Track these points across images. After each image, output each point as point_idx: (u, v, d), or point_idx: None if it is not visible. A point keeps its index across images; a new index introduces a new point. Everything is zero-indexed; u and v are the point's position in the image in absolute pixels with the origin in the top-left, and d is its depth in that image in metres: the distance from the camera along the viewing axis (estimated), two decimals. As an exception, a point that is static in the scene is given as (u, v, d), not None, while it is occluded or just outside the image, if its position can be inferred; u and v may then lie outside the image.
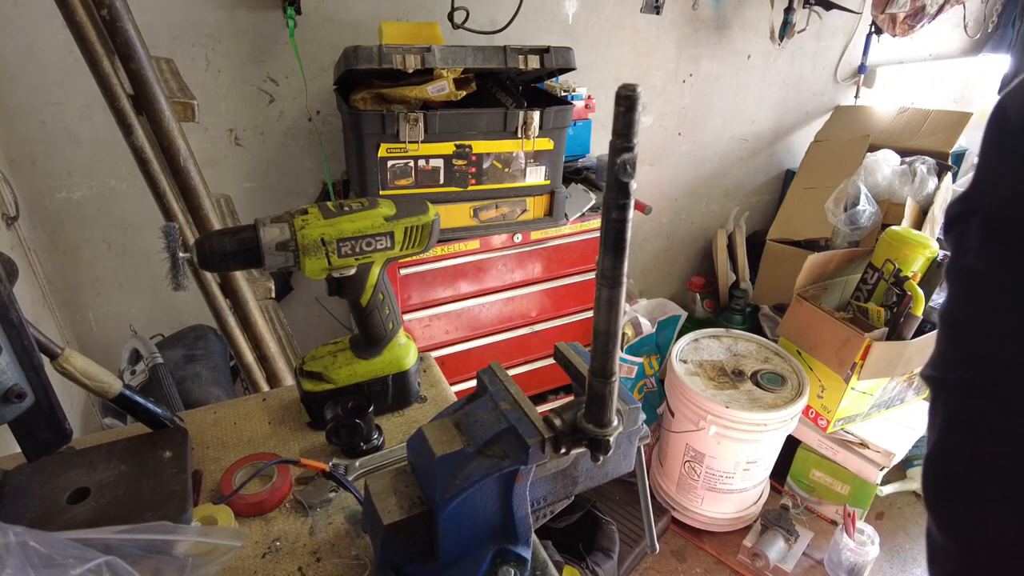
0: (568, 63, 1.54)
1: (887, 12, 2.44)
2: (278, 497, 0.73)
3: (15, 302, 0.57)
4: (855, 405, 1.98)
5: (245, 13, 1.59)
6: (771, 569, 1.97)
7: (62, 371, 0.68)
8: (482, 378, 0.60)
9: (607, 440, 0.52)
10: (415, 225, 0.78)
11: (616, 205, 0.43)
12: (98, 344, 1.77)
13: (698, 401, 1.85)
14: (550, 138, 1.60)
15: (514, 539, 0.59)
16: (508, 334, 1.88)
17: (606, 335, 0.47)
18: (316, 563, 0.67)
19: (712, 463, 1.94)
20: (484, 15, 1.87)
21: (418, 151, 1.51)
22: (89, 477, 0.69)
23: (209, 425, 0.85)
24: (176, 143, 1.09)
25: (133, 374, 1.38)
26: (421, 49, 1.40)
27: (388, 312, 0.83)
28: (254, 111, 1.71)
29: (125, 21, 0.99)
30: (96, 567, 0.45)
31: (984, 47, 3.17)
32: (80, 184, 1.60)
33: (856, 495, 2.07)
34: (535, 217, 1.72)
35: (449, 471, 0.54)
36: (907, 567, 2.06)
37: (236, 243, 0.70)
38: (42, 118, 1.49)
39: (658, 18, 2.19)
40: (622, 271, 0.45)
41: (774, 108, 2.70)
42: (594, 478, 0.64)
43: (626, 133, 0.41)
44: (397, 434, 0.85)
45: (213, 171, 1.69)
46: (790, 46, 2.52)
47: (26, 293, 1.44)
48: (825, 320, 1.93)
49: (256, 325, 1.25)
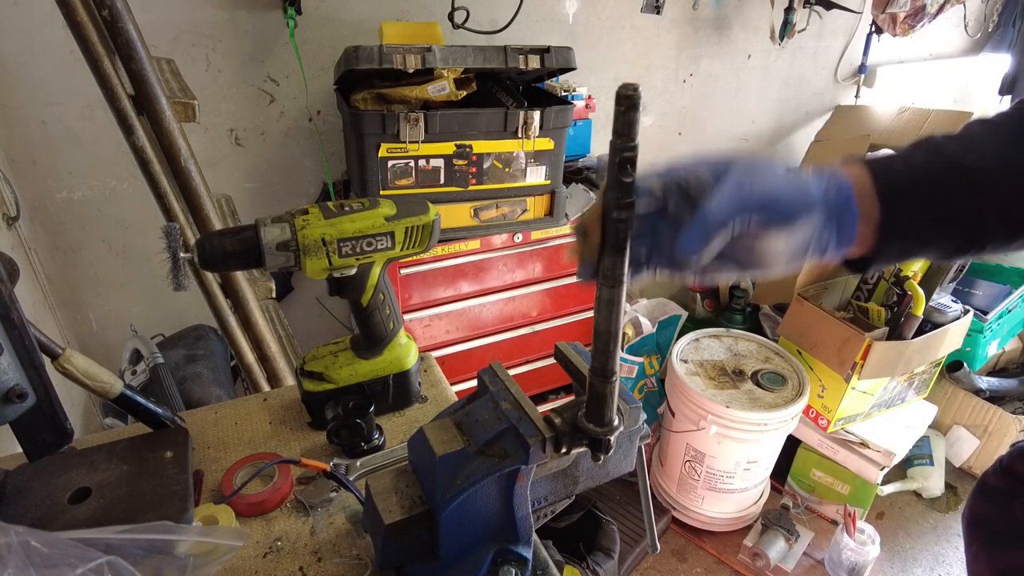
0: (568, 63, 1.54)
1: (887, 12, 2.44)
2: (279, 497, 0.73)
3: (16, 302, 0.57)
4: (855, 405, 1.98)
5: (245, 13, 1.59)
6: (771, 569, 1.97)
7: (63, 371, 0.68)
8: (483, 378, 0.60)
9: (608, 440, 0.52)
10: (416, 225, 0.78)
11: (617, 205, 0.43)
12: (99, 344, 1.77)
13: (698, 401, 1.85)
14: (550, 138, 1.60)
15: (515, 539, 0.59)
16: (509, 334, 1.88)
17: (606, 335, 0.47)
18: (317, 563, 0.67)
19: (712, 463, 1.94)
20: (484, 15, 1.87)
21: (418, 151, 1.51)
22: (90, 477, 0.69)
23: (210, 425, 0.85)
24: (177, 143, 1.09)
25: (134, 374, 1.38)
26: (421, 49, 1.40)
27: (389, 312, 0.83)
28: (254, 111, 1.71)
29: (126, 21, 0.99)
30: (97, 567, 0.45)
31: (984, 47, 3.17)
32: (81, 184, 1.60)
33: (856, 495, 2.07)
34: (536, 217, 1.72)
35: (450, 471, 0.54)
36: (907, 567, 2.06)
37: (237, 243, 0.70)
38: (43, 118, 1.49)
39: (658, 18, 2.19)
40: (622, 271, 0.45)
41: (774, 108, 2.69)
42: (595, 478, 0.64)
43: (627, 132, 0.41)
44: (398, 434, 0.85)
45: (214, 171, 1.69)
46: (790, 46, 2.52)
47: (27, 293, 1.44)
48: (825, 320, 1.93)
49: (257, 325, 1.25)
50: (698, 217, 0.46)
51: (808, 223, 0.49)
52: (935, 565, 2.06)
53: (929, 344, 1.88)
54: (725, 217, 0.46)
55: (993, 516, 0.80)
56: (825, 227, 0.50)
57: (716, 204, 0.46)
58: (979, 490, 0.85)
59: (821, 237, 0.50)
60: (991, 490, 0.82)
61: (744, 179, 0.47)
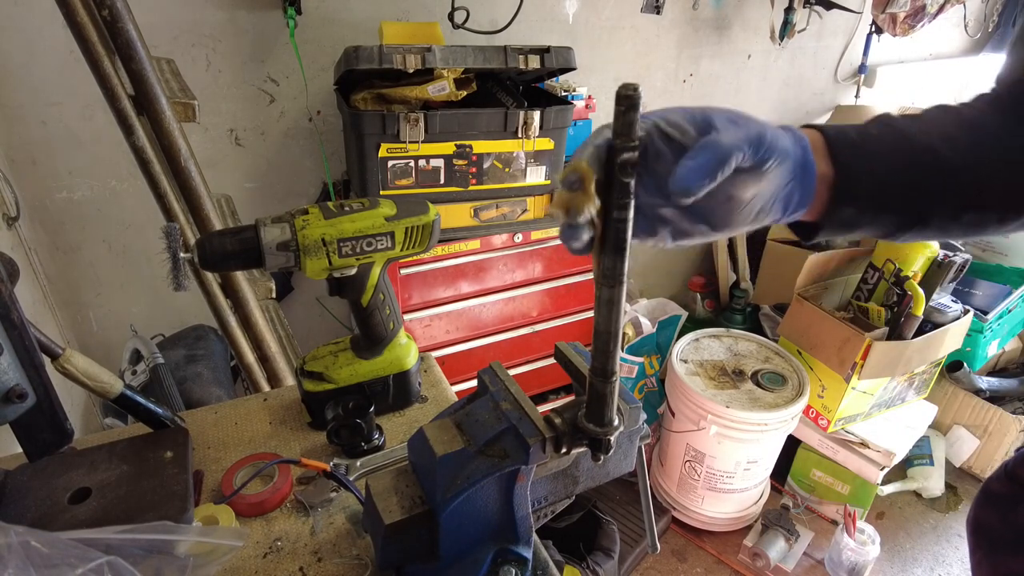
0: (568, 63, 1.54)
1: (887, 12, 2.44)
2: (279, 497, 0.73)
3: (16, 302, 0.57)
4: (855, 405, 1.98)
5: (245, 13, 1.59)
6: (772, 569, 1.97)
7: (63, 371, 0.68)
8: (483, 378, 0.60)
9: (608, 440, 0.52)
10: (416, 225, 0.78)
11: (617, 205, 0.43)
12: (99, 344, 1.77)
13: (699, 401, 1.85)
14: (550, 138, 1.60)
15: (515, 539, 0.59)
16: (509, 334, 1.88)
17: (606, 335, 0.47)
18: (317, 563, 0.67)
19: (712, 463, 1.94)
20: (484, 15, 1.87)
21: (418, 151, 1.51)
22: (90, 477, 0.69)
23: (210, 425, 0.85)
24: (177, 143, 1.09)
25: (134, 374, 1.38)
26: (421, 49, 1.40)
27: (389, 312, 0.83)
28: (254, 111, 1.71)
29: (126, 21, 0.99)
30: (97, 567, 0.45)
31: (984, 47, 3.17)
32: (81, 184, 1.60)
33: (857, 495, 2.07)
34: (536, 217, 1.72)
35: (450, 471, 0.54)
36: (907, 567, 2.06)
37: (237, 243, 0.70)
38: (43, 118, 1.49)
39: (658, 18, 2.19)
40: (622, 271, 0.45)
41: (775, 108, 2.69)
42: (595, 478, 0.64)
43: (627, 133, 0.41)
44: (398, 434, 0.85)
45: (213, 171, 1.69)
46: (790, 46, 2.52)
47: (27, 293, 1.44)
48: (826, 320, 1.93)
49: (257, 325, 1.25)
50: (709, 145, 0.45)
51: (785, 167, 0.49)
52: (935, 565, 2.06)
53: (929, 344, 1.89)
54: (731, 147, 0.45)
55: (997, 522, 0.80)
56: (793, 177, 0.50)
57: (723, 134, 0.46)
58: (983, 496, 0.84)
59: (789, 188, 0.51)
60: (995, 496, 0.82)
61: (731, 117, 0.48)
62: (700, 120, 0.47)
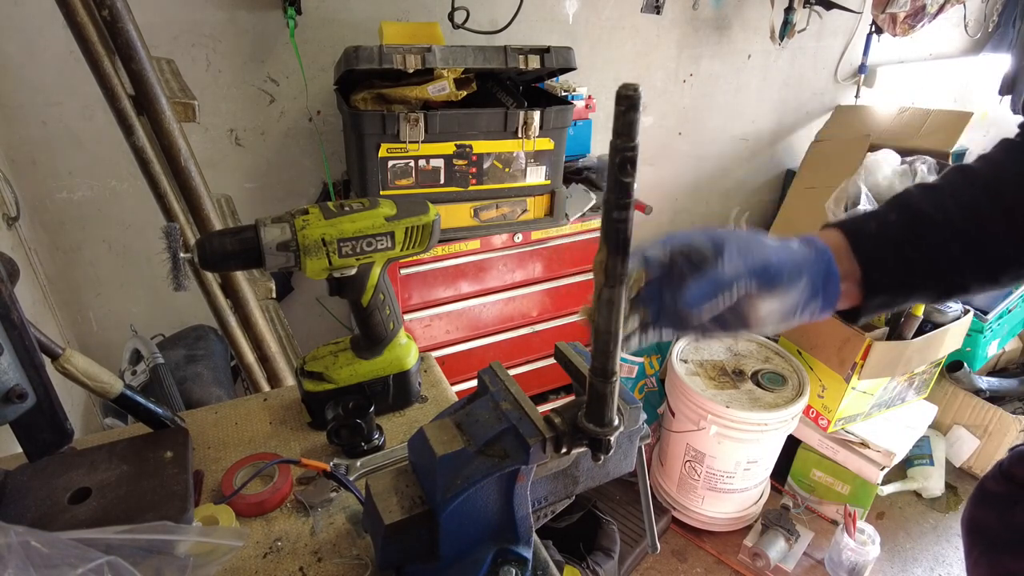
0: (568, 63, 1.54)
1: (887, 12, 2.43)
2: (279, 497, 0.73)
3: (16, 302, 0.57)
4: (856, 405, 1.98)
5: (245, 13, 1.60)
6: (772, 569, 1.97)
7: (63, 371, 0.68)
8: (483, 378, 0.61)
9: (608, 440, 0.52)
10: (416, 225, 0.78)
11: (617, 205, 0.43)
12: (99, 344, 1.77)
13: (698, 401, 1.85)
14: (550, 138, 1.60)
15: (515, 539, 0.59)
16: (509, 334, 1.88)
17: (606, 335, 0.47)
18: (317, 563, 0.67)
19: (712, 463, 1.94)
20: (484, 15, 1.87)
21: (418, 151, 1.51)
22: (90, 477, 0.69)
23: (210, 425, 0.85)
24: (177, 143, 1.09)
25: (134, 374, 1.38)
26: (421, 49, 1.40)
27: (389, 312, 0.83)
28: (254, 111, 1.72)
29: (126, 21, 0.99)
30: (97, 567, 0.45)
31: (984, 47, 3.16)
32: (81, 184, 1.60)
33: (857, 495, 2.07)
34: (536, 217, 1.72)
35: (450, 471, 0.54)
36: (908, 567, 2.06)
37: (237, 243, 0.70)
38: (43, 118, 1.49)
39: (658, 18, 2.19)
40: (623, 271, 0.45)
41: (774, 108, 2.69)
42: (595, 478, 0.64)
43: (627, 133, 0.41)
44: (398, 434, 0.85)
45: (213, 171, 1.69)
46: (790, 46, 2.52)
47: (27, 293, 1.44)
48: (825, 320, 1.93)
49: (257, 325, 1.25)
50: (709, 275, 0.52)
51: (798, 287, 0.54)
52: (935, 565, 2.06)
53: (929, 344, 1.89)
54: (731, 278, 0.52)
55: (994, 522, 0.79)
56: (812, 289, 0.55)
57: (726, 265, 0.52)
58: (978, 495, 0.84)
59: (809, 299, 0.55)
60: (991, 495, 0.81)
61: (742, 246, 0.53)
62: (719, 244, 0.53)
